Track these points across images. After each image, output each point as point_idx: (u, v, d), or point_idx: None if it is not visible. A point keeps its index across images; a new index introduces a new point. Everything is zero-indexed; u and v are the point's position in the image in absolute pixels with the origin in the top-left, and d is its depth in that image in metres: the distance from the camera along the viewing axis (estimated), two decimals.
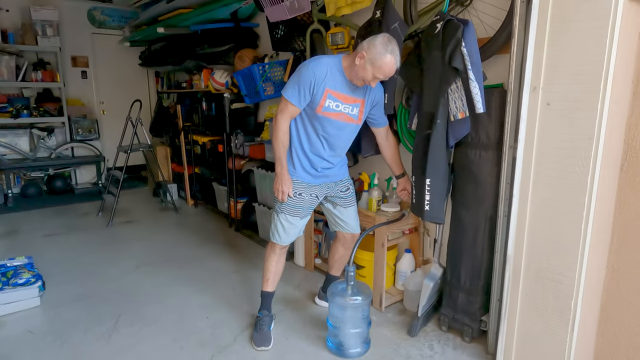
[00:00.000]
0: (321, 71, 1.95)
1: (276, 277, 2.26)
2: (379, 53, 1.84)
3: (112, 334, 2.24)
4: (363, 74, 1.91)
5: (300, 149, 2.11)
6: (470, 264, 2.12)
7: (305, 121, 2.07)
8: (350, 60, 1.97)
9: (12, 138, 5.09)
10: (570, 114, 1.61)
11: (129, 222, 4.17)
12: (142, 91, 6.25)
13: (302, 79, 1.95)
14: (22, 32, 5.07)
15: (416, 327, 2.23)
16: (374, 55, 1.85)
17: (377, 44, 1.85)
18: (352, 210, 2.30)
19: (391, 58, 1.85)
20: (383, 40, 1.86)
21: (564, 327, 1.72)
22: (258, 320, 2.21)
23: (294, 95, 1.97)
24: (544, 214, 1.73)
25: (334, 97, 2.00)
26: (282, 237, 2.17)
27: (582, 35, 1.54)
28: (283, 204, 2.12)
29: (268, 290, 2.25)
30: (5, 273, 2.63)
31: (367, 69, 1.88)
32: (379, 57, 1.84)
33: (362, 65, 1.89)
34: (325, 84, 1.96)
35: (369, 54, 1.86)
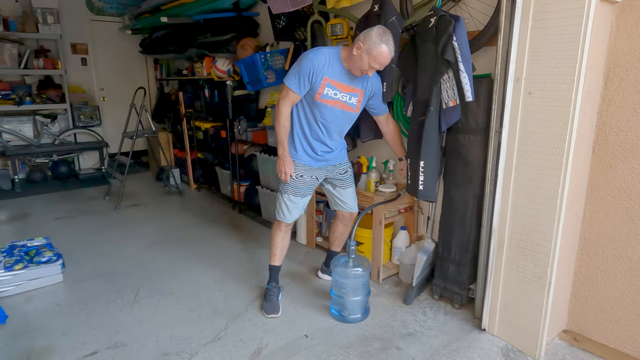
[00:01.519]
0: (320, 60, 2.12)
1: (282, 252, 2.47)
2: (375, 43, 2.00)
3: (134, 305, 2.45)
4: (360, 63, 2.06)
5: (301, 134, 2.29)
6: (460, 238, 2.34)
7: (305, 108, 2.24)
8: (348, 51, 2.14)
9: (17, 125, 5.20)
10: (548, 102, 1.81)
11: (136, 205, 4.35)
12: (142, 78, 6.35)
13: (302, 68, 2.12)
14: (23, 20, 5.14)
15: (411, 296, 2.46)
16: (370, 46, 2.01)
17: (373, 35, 2.01)
18: (351, 191, 2.50)
19: (386, 48, 2.01)
20: (378, 31, 2.02)
21: (540, 291, 1.95)
22: (267, 291, 2.42)
23: (294, 83, 2.14)
24: (524, 192, 1.95)
25: (332, 85, 2.16)
26: (287, 215, 2.37)
27: (559, 31, 1.73)
28: (286, 184, 2.31)
29: (275, 264, 2.46)
30: (28, 252, 2.81)
31: (364, 58, 2.04)
32: (374, 47, 2.00)
33: (359, 56, 2.05)
34: (323, 72, 2.12)
35: (365, 44, 2.02)
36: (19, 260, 2.66)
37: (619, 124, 1.84)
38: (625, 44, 1.78)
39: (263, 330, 2.22)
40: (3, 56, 5.02)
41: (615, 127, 1.85)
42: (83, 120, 5.67)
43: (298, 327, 2.24)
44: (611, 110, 1.86)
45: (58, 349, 2.06)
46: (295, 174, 2.30)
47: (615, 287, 1.95)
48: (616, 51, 1.81)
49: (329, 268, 2.66)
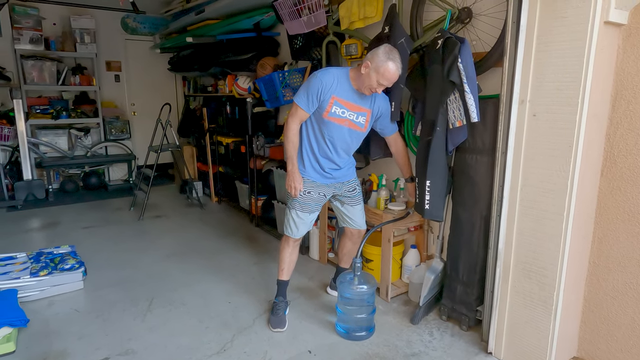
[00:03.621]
0: (328, 80, 2.18)
1: (290, 267, 2.51)
2: (382, 61, 2.06)
3: (147, 313, 2.54)
4: (369, 81, 2.12)
5: (310, 151, 2.34)
6: (467, 258, 2.32)
7: (314, 125, 2.30)
8: (357, 71, 2.20)
9: (53, 137, 5.51)
10: (553, 125, 1.80)
11: (158, 216, 4.51)
12: (170, 94, 6.61)
13: (310, 86, 2.19)
14: (62, 40, 5.49)
15: (418, 316, 2.45)
16: (377, 64, 2.07)
17: (380, 53, 2.08)
18: (359, 208, 2.53)
19: (393, 65, 2.07)
20: (385, 50, 2.09)
21: (547, 315, 1.91)
22: (274, 305, 2.47)
23: (302, 101, 2.21)
24: (530, 214, 1.93)
25: (340, 104, 2.22)
26: (294, 231, 2.42)
27: (562, 54, 1.73)
28: (294, 200, 2.36)
29: (283, 279, 2.50)
30: (53, 259, 2.97)
31: (372, 76, 2.10)
32: (382, 65, 2.06)
33: (367, 74, 2.11)
34: (332, 91, 2.18)
35: (372, 62, 2.08)
36: (44, 266, 2.82)
37: (628, 147, 1.80)
38: (633, 67, 1.76)
39: (268, 344, 2.26)
40: (43, 73, 5.36)
41: (624, 150, 1.82)
42: (114, 133, 5.95)
43: (302, 342, 2.27)
44: (619, 133, 1.83)
45: (73, 353, 2.16)
46: (304, 190, 2.35)
47: (626, 314, 1.89)
48: (623, 74, 1.79)
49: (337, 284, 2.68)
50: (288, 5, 3.07)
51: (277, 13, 3.23)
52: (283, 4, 3.10)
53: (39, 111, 5.43)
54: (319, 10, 2.95)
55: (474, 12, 2.31)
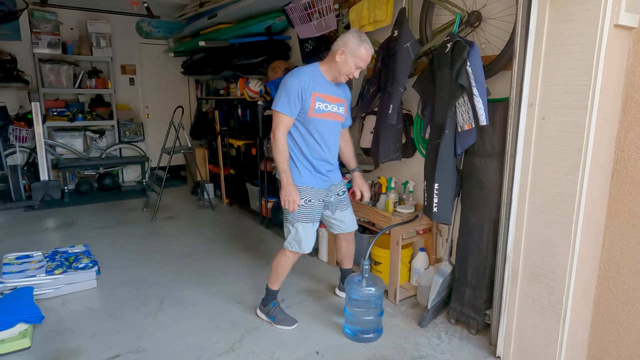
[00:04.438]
0: (304, 78, 2.16)
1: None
2: (357, 45, 2.12)
3: (158, 312, 2.59)
4: (347, 68, 2.16)
5: (301, 156, 2.27)
6: (476, 262, 2.32)
7: (300, 128, 2.24)
8: (328, 62, 2.21)
9: (69, 139, 5.64)
10: (562, 128, 1.80)
11: (171, 217, 4.58)
12: (183, 97, 6.71)
13: (290, 90, 2.14)
14: (79, 44, 5.63)
15: (426, 319, 2.45)
16: (353, 48, 2.12)
17: (351, 38, 2.13)
18: (349, 211, 2.54)
19: (368, 46, 2.14)
20: (354, 34, 2.15)
21: (556, 320, 1.90)
22: (276, 308, 2.46)
23: (285, 107, 2.15)
24: (539, 217, 1.92)
25: (322, 98, 2.21)
26: (302, 246, 2.31)
27: (572, 57, 1.72)
28: (296, 213, 2.26)
29: (277, 289, 2.47)
30: (68, 258, 3.04)
31: (349, 61, 2.15)
32: (357, 48, 2.12)
33: (343, 60, 2.15)
34: (311, 88, 2.17)
35: (347, 48, 2.13)
36: (59, 265, 2.88)
37: (638, 151, 1.79)
38: None
39: (276, 344, 2.28)
40: (60, 77, 5.50)
41: (635, 154, 1.80)
42: (128, 135, 6.06)
43: (310, 343, 2.29)
44: (630, 137, 1.81)
45: (86, 350, 2.21)
46: (304, 200, 2.27)
47: (637, 320, 1.86)
48: (634, 77, 1.77)
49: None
50: (299, 10, 3.11)
51: (288, 17, 3.27)
52: (294, 8, 3.14)
53: (56, 113, 5.56)
54: (329, 14, 2.97)
55: (484, 16, 2.31)
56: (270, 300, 2.48)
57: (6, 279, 2.68)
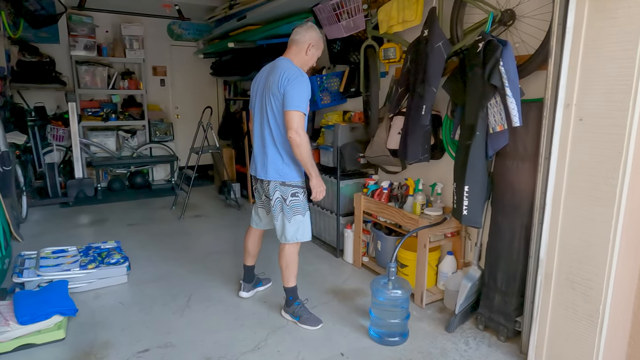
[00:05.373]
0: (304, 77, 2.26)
1: None
2: (319, 38, 2.35)
3: (185, 309, 2.63)
4: (313, 60, 2.39)
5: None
6: (507, 267, 2.26)
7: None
8: (296, 57, 2.34)
9: (102, 139, 5.82)
10: (601, 130, 1.73)
11: (198, 216, 4.66)
12: (212, 98, 6.82)
13: (307, 92, 2.25)
14: (113, 46, 5.80)
15: (453, 324, 2.40)
16: (317, 41, 2.35)
17: (313, 31, 2.32)
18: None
19: (322, 36, 2.37)
20: (312, 26, 2.33)
21: (592, 329, 1.82)
22: (301, 307, 2.48)
23: (304, 107, 2.23)
24: (575, 222, 1.85)
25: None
26: (308, 233, 2.48)
27: (612, 56, 1.66)
28: (305, 204, 2.42)
29: (295, 284, 2.52)
30: (100, 254, 3.13)
31: (315, 54, 2.38)
32: (319, 40, 2.36)
33: (312, 54, 2.36)
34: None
35: (313, 42, 2.32)
36: (92, 260, 2.98)
37: None
38: None
39: (301, 344, 2.28)
40: (95, 78, 5.69)
41: None
42: (158, 135, 6.21)
43: (335, 345, 2.28)
44: None
45: (116, 343, 2.27)
46: (303, 194, 2.42)
47: None
48: None
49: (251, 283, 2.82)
50: (327, 10, 3.11)
51: (317, 18, 3.28)
52: (322, 9, 3.14)
53: (91, 113, 5.76)
54: (357, 14, 2.96)
55: (517, 14, 2.25)
56: (293, 299, 2.50)
57: (43, 272, 2.79)
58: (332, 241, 3.54)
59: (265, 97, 2.33)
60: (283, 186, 2.37)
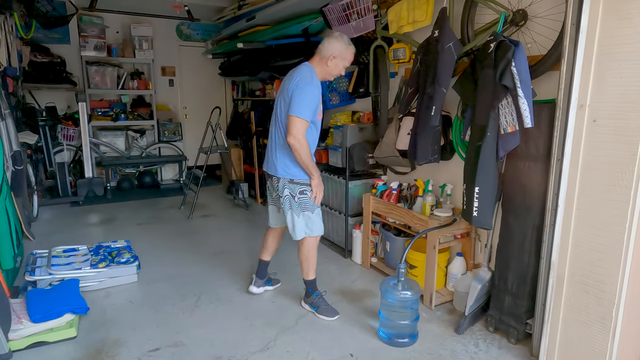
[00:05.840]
0: (319, 86, 2.34)
1: None
2: (345, 48, 2.32)
3: (195, 308, 2.65)
4: (337, 70, 2.38)
5: None
6: (517, 269, 2.24)
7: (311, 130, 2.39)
8: (318, 66, 2.37)
9: (112, 138, 5.87)
10: (615, 131, 1.71)
11: (206, 215, 4.68)
12: (220, 98, 6.85)
13: (313, 99, 2.29)
14: (123, 47, 5.85)
15: (463, 326, 2.39)
16: (342, 52, 2.32)
17: (338, 42, 2.31)
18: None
19: (352, 48, 2.35)
20: (339, 39, 2.31)
21: (604, 333, 1.81)
22: (319, 298, 2.57)
23: (308, 115, 2.28)
24: (587, 224, 1.83)
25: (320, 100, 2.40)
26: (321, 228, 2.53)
27: (627, 57, 1.64)
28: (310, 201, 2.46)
29: (314, 277, 2.61)
30: (111, 252, 3.16)
31: (339, 64, 2.35)
32: (346, 51, 2.33)
33: (335, 64, 2.34)
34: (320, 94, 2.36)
35: (336, 52, 2.31)
36: (102, 259, 3.00)
37: None
38: None
39: (310, 344, 2.28)
40: (105, 78, 5.73)
41: None
42: (167, 135, 6.24)
43: (344, 346, 2.28)
44: None
45: (127, 342, 2.29)
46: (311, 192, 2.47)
47: None
48: None
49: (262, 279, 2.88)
50: (337, 11, 3.11)
51: (326, 18, 3.28)
52: (332, 9, 3.14)
53: (100, 113, 5.80)
54: (367, 15, 2.96)
55: (530, 14, 2.24)
56: (312, 291, 2.59)
57: (55, 270, 2.82)
58: (341, 242, 3.53)
59: (279, 99, 2.41)
60: (291, 184, 2.44)
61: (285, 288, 2.92)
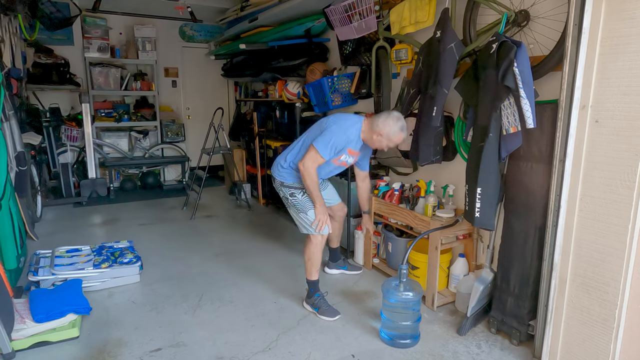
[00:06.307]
0: (353, 137, 2.43)
1: None
2: (394, 132, 2.36)
3: (196, 309, 2.65)
4: (379, 145, 2.46)
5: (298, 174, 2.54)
6: (520, 270, 2.23)
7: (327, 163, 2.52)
8: (367, 130, 2.44)
9: (115, 139, 5.89)
10: (618, 132, 1.71)
11: (209, 216, 4.69)
12: (223, 99, 6.87)
13: (337, 142, 2.39)
14: (126, 48, 5.87)
15: (465, 327, 2.38)
16: (389, 134, 2.37)
17: (392, 124, 2.35)
18: None
19: (403, 134, 2.40)
20: (395, 121, 2.35)
21: (607, 334, 1.80)
22: (321, 299, 2.59)
23: (326, 153, 2.39)
24: (590, 225, 1.83)
25: (348, 153, 2.50)
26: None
27: (630, 57, 1.63)
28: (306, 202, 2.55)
29: (317, 278, 2.65)
30: (113, 253, 3.17)
31: (383, 142, 2.42)
32: (394, 134, 2.37)
33: (379, 140, 2.41)
34: (349, 144, 2.46)
35: (384, 132, 2.36)
36: (105, 259, 3.01)
37: None
38: None
39: (312, 345, 2.28)
40: (108, 79, 5.76)
41: None
42: (170, 136, 6.25)
43: (346, 347, 2.27)
44: None
45: (129, 342, 2.29)
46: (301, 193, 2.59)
47: None
48: None
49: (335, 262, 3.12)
50: (339, 12, 3.11)
51: (328, 19, 3.28)
52: (334, 10, 3.15)
53: (104, 114, 5.83)
54: (369, 15, 2.96)
55: (532, 15, 2.23)
56: (314, 291, 2.61)
57: (58, 270, 2.83)
58: (343, 242, 3.53)
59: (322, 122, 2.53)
60: (282, 186, 2.64)
61: (286, 289, 2.92)
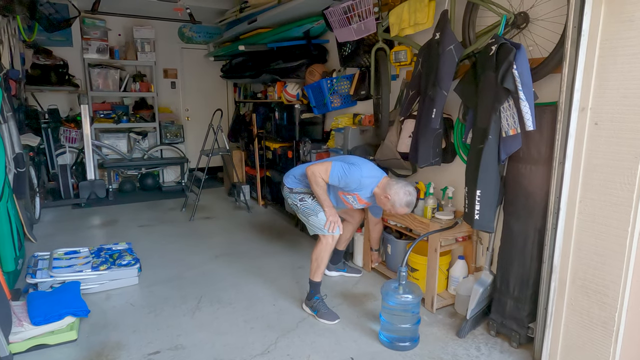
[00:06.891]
0: (366, 185, 2.51)
1: None
2: (399, 203, 2.43)
3: (195, 311, 2.64)
4: (383, 205, 2.54)
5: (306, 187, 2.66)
6: (519, 272, 2.23)
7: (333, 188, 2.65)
8: (381, 189, 2.51)
9: (114, 140, 5.88)
10: (617, 134, 1.70)
11: (208, 218, 4.68)
12: (222, 100, 6.86)
13: (350, 180, 2.48)
14: (126, 49, 5.86)
15: (465, 329, 2.37)
16: (395, 203, 2.45)
17: (401, 195, 2.42)
18: None
19: (406, 209, 2.47)
20: (407, 193, 2.43)
21: (607, 338, 1.79)
22: (320, 302, 2.57)
23: (334, 177, 2.49)
24: (590, 228, 1.82)
25: (356, 198, 2.61)
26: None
27: (629, 60, 1.63)
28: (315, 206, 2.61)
29: (319, 280, 2.64)
30: (112, 255, 3.16)
31: (387, 205, 2.49)
32: (398, 205, 2.44)
33: (385, 201, 2.49)
34: (359, 192, 2.56)
35: (391, 199, 2.44)
36: (104, 261, 3.01)
37: None
38: None
39: (311, 348, 2.28)
40: (107, 81, 5.75)
41: None
42: (169, 137, 6.24)
43: (345, 349, 2.27)
44: None
45: (127, 345, 2.28)
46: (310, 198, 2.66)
47: None
48: None
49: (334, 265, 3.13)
50: (338, 13, 3.11)
51: (327, 21, 3.28)
52: (333, 12, 3.14)
53: (103, 116, 5.82)
54: (368, 17, 2.95)
55: (531, 17, 2.23)
56: (314, 293, 2.60)
57: (56, 273, 2.82)
58: None
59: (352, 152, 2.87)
60: (291, 193, 2.70)
61: (285, 290, 2.91)
